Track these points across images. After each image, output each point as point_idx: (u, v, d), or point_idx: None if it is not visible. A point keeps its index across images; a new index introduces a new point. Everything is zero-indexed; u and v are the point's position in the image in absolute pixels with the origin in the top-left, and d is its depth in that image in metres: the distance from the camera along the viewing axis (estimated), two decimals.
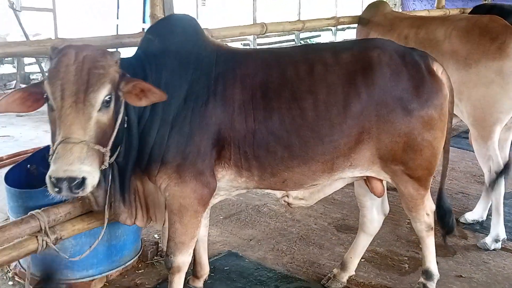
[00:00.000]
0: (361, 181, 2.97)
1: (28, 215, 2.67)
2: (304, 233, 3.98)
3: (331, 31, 14.82)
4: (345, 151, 2.60)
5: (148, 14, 3.39)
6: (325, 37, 15.34)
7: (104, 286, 3.23)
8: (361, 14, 5.05)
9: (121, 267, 3.31)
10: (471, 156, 5.16)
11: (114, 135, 2.28)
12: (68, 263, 3.07)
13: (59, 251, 2.68)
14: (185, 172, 2.50)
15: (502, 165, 3.68)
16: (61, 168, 2.03)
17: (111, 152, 2.29)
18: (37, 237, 2.64)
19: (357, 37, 5.05)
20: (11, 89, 8.70)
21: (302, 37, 14.36)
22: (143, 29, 8.54)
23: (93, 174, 2.12)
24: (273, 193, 2.88)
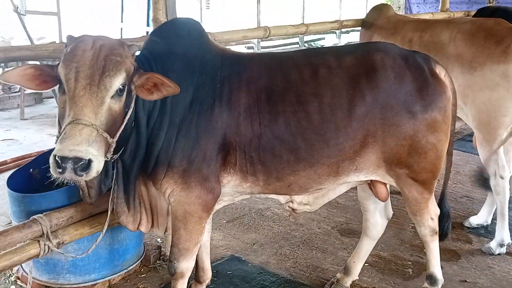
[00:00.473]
0: (364, 185, 2.96)
1: (30, 219, 2.68)
2: (307, 237, 3.97)
3: (335, 33, 14.82)
4: (350, 154, 2.58)
5: (151, 18, 3.39)
6: (329, 39, 15.36)
7: None
8: (364, 17, 5.03)
9: (124, 271, 3.31)
10: (476, 159, 5.13)
11: (122, 128, 2.25)
12: (70, 267, 3.07)
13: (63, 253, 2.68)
14: (191, 177, 2.48)
15: (507, 169, 3.66)
16: (68, 147, 1.97)
17: (117, 147, 2.26)
18: (39, 242, 2.65)
19: (360, 40, 5.01)
20: (16, 92, 8.73)
21: (306, 39, 14.35)
22: (147, 33, 8.56)
23: (99, 159, 2.06)
24: (277, 198, 2.86)
